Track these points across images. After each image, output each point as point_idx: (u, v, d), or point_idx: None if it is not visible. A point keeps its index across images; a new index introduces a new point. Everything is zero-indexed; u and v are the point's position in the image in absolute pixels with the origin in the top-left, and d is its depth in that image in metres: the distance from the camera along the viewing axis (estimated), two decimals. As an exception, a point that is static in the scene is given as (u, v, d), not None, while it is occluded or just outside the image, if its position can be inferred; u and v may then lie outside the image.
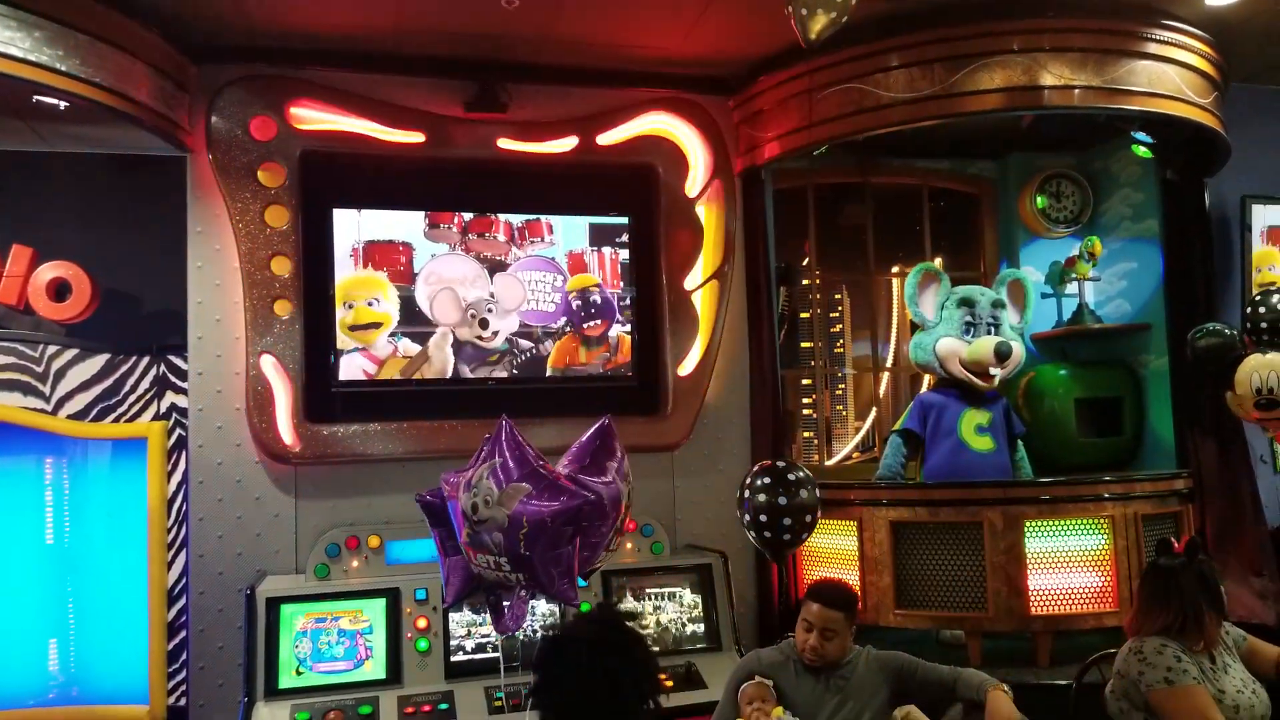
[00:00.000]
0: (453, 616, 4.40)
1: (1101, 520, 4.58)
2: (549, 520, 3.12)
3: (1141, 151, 5.41)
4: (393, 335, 4.93)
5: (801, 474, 4.26)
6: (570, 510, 3.15)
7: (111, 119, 4.28)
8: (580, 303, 5.22)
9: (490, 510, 3.11)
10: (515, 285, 5.11)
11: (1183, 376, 5.15)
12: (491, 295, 5.05)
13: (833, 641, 3.49)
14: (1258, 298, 4.72)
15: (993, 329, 5.11)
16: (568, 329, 5.18)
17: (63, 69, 3.92)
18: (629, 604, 4.65)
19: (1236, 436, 5.02)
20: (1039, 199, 5.83)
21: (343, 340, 4.86)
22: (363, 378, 4.90)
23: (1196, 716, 3.16)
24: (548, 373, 5.15)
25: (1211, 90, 4.96)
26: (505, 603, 3.50)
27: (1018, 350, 5.05)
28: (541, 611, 4.49)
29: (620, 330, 5.27)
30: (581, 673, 2.40)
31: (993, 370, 5.01)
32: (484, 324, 5.01)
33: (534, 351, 5.13)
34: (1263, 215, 5.77)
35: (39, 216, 4.85)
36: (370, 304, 4.90)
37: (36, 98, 4.07)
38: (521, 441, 3.25)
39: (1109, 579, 4.55)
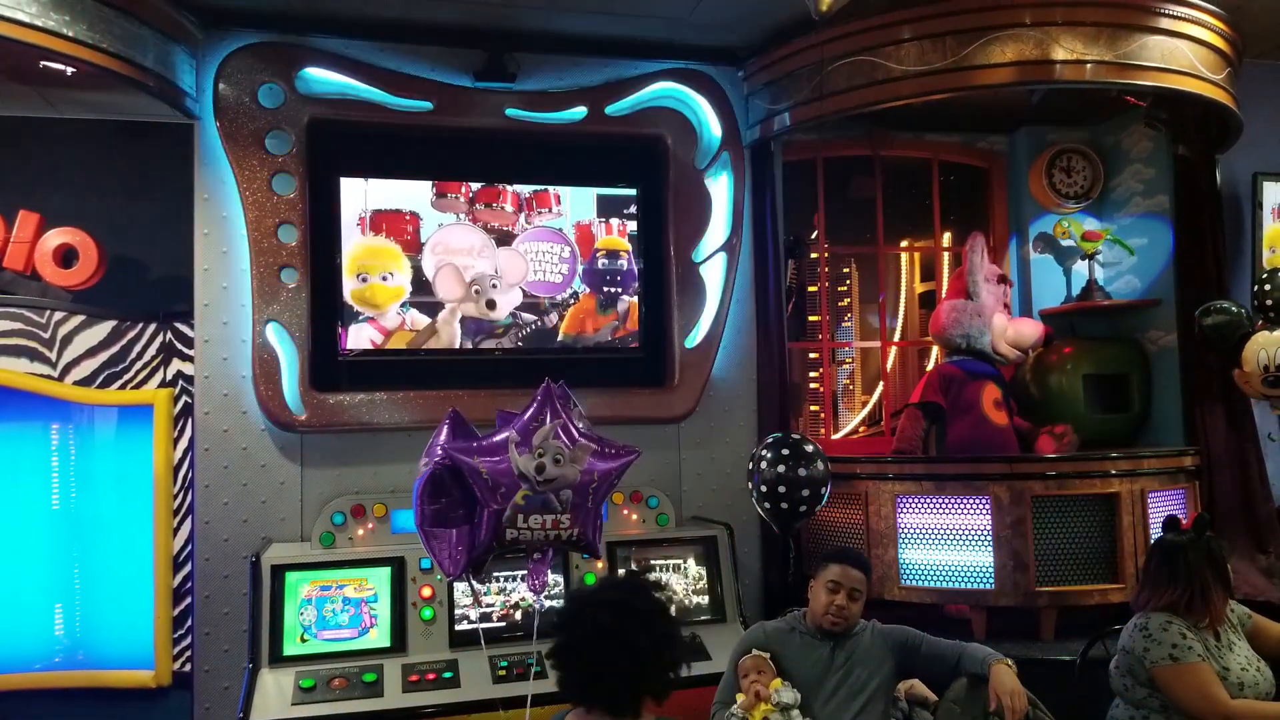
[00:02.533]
0: (457, 585, 4.41)
1: (1108, 496, 4.58)
2: (614, 475, 3.28)
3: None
4: (402, 306, 4.92)
5: (813, 447, 4.26)
6: (627, 465, 3.33)
7: (119, 85, 4.25)
8: (606, 262, 5.21)
9: (561, 469, 3.15)
10: (517, 259, 5.08)
11: (1191, 353, 5.15)
12: (495, 270, 5.04)
13: (857, 602, 3.52)
14: (1265, 275, 4.73)
15: (1006, 308, 5.17)
16: (584, 289, 5.17)
17: (69, 34, 3.88)
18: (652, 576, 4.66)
19: (1245, 414, 5.03)
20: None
21: (353, 308, 4.86)
22: (369, 347, 4.89)
23: (1200, 693, 3.18)
24: (559, 339, 5.14)
25: (1224, 66, 4.91)
26: (475, 581, 3.56)
27: None
28: (549, 581, 4.51)
29: (630, 300, 5.26)
30: (603, 636, 2.38)
31: (1033, 353, 5.07)
32: (491, 304, 5.00)
33: (538, 324, 5.12)
34: (1274, 192, 5.75)
35: (46, 182, 4.83)
36: (384, 279, 4.89)
37: (43, 63, 4.04)
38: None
39: (1115, 554, 4.55)
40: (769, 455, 4.25)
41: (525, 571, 3.85)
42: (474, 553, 3.40)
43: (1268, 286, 4.64)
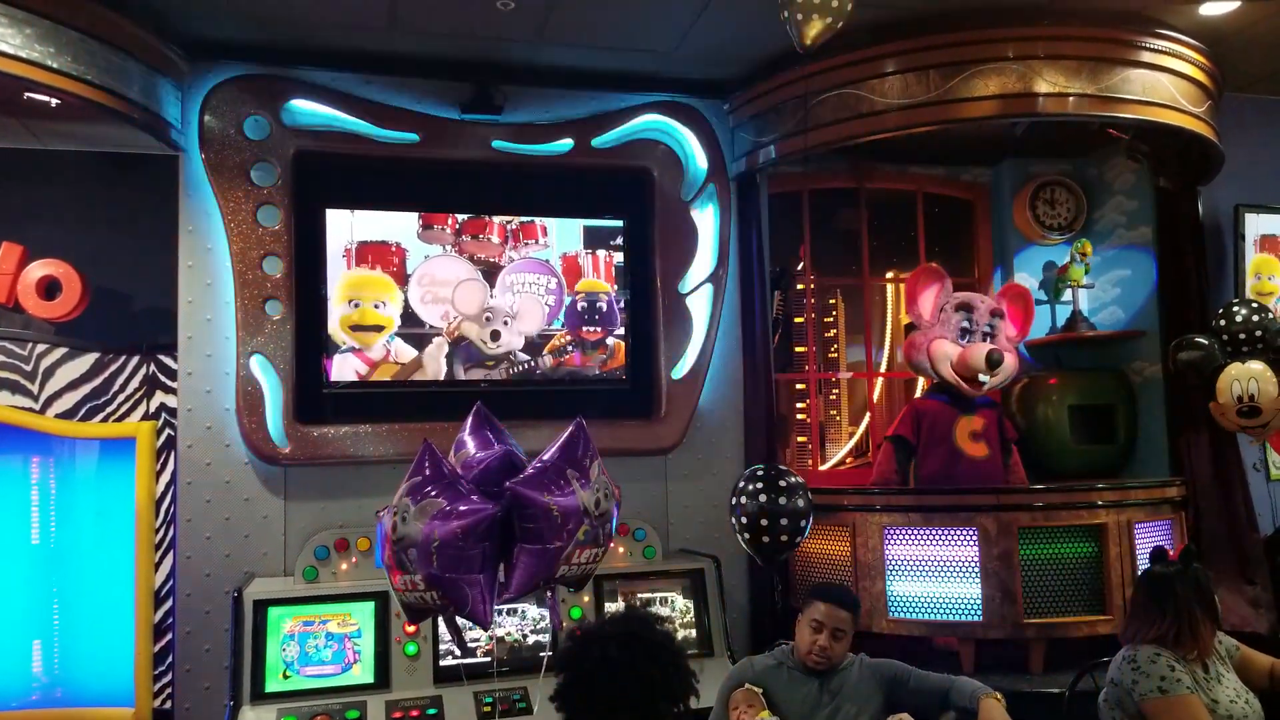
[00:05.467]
0: (442, 621, 4.36)
1: (1095, 527, 4.58)
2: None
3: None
4: (388, 338, 4.91)
5: (795, 479, 4.24)
6: None
7: (103, 117, 4.24)
8: (585, 305, 5.21)
9: (609, 503, 3.16)
10: (536, 308, 5.11)
11: (1176, 384, 5.15)
12: (512, 308, 5.06)
13: (841, 642, 3.48)
14: (1221, 310, 4.78)
15: (988, 337, 5.10)
16: (564, 331, 5.17)
17: (54, 66, 3.88)
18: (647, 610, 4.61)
19: (1229, 444, 5.03)
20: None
21: (339, 337, 4.84)
22: (354, 379, 4.87)
23: (1190, 725, 3.16)
24: (546, 369, 5.13)
25: (1205, 99, 4.97)
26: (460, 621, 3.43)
27: (1010, 360, 5.06)
28: (532, 616, 4.48)
29: (616, 338, 5.26)
30: (613, 671, 2.33)
31: (982, 378, 5.01)
32: (495, 335, 4.99)
33: (528, 364, 5.11)
34: (1256, 224, 5.80)
35: (29, 214, 4.82)
36: (377, 306, 4.88)
37: (27, 95, 4.04)
38: None
39: (1102, 586, 4.54)
40: (750, 487, 4.21)
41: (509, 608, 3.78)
42: (511, 593, 3.24)
43: (1238, 319, 4.69)
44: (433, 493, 3.04)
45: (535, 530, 3.02)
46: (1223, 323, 4.75)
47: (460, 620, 3.52)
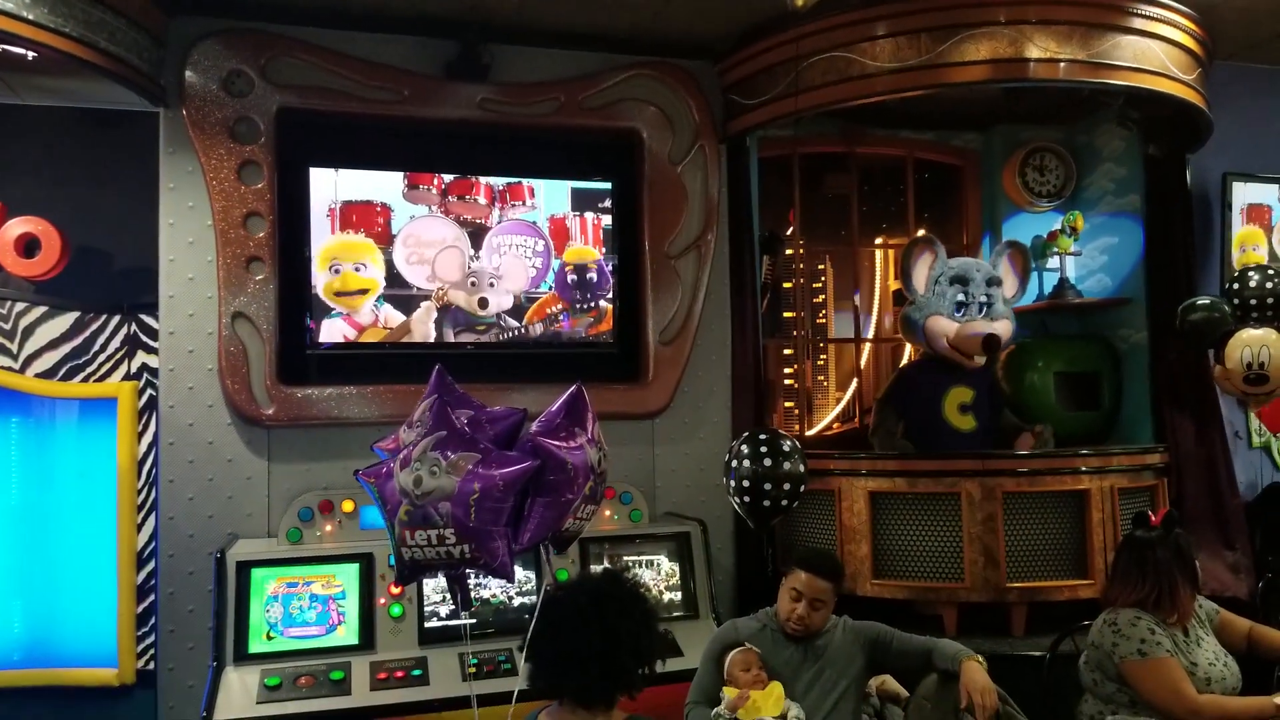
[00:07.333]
0: (427, 582, 4.36)
1: (1078, 493, 4.60)
2: None
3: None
4: (376, 302, 4.86)
5: (792, 443, 4.24)
6: None
7: (82, 71, 4.15)
8: (575, 277, 5.17)
9: (606, 461, 3.27)
10: (520, 267, 5.06)
11: (1161, 351, 5.19)
12: (497, 269, 5.01)
13: (820, 611, 3.50)
14: (1237, 275, 4.78)
15: (985, 308, 5.05)
16: (552, 294, 5.13)
17: (29, 17, 3.78)
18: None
19: (1212, 411, 5.06)
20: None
21: (327, 303, 4.79)
22: (339, 341, 4.83)
23: (1168, 688, 3.20)
24: (531, 330, 5.10)
25: (1195, 66, 4.95)
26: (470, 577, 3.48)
27: (1006, 337, 5.04)
28: (518, 578, 4.48)
29: (606, 301, 5.23)
30: (580, 624, 2.37)
31: (978, 359, 5.02)
32: (483, 303, 4.96)
33: (518, 332, 5.08)
34: (1243, 192, 5.81)
35: (8, 171, 4.74)
36: (357, 269, 4.82)
37: (3, 47, 3.94)
38: None
39: (1085, 551, 4.57)
40: (748, 450, 4.20)
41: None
42: (523, 545, 3.22)
43: (1251, 284, 4.69)
44: (462, 448, 3.09)
45: (550, 483, 3.11)
46: (1251, 285, 4.73)
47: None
